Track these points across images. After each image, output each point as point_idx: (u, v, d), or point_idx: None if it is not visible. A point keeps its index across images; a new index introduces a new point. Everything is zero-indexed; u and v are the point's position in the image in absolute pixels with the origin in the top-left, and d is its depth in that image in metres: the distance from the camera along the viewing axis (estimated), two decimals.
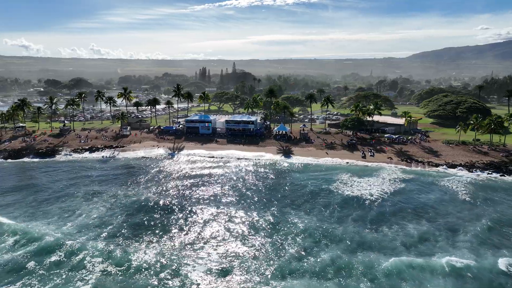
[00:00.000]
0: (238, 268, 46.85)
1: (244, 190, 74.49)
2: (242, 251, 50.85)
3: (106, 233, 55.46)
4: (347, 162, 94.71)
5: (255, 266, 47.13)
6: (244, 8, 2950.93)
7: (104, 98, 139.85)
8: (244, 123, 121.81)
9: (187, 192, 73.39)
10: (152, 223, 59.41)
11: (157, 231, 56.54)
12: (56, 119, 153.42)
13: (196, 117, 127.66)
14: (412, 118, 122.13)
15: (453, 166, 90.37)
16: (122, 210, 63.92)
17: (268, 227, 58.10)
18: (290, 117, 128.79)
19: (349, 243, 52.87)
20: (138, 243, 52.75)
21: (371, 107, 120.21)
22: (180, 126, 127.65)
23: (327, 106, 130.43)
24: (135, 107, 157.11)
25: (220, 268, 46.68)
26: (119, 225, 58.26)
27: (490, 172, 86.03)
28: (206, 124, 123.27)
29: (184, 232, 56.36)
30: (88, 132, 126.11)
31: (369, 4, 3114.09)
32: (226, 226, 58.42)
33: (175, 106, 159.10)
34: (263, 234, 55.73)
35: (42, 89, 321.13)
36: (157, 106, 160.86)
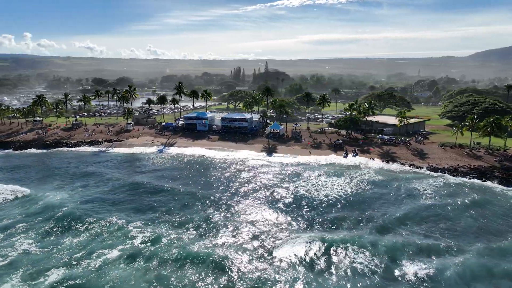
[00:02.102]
0: None
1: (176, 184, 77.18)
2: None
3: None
4: (325, 162, 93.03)
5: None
6: (295, 7, 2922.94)
7: (118, 95, 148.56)
8: (239, 120, 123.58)
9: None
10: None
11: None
12: (79, 114, 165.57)
13: (194, 115, 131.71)
14: (415, 119, 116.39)
15: (435, 169, 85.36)
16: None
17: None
18: (286, 116, 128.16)
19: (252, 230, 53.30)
20: None
21: (365, 106, 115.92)
22: (180, 123, 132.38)
23: (323, 106, 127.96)
24: (147, 104, 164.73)
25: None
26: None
27: (472, 177, 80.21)
28: (203, 121, 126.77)
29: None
30: (97, 126, 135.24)
31: (426, 0, 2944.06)
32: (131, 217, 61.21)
33: (189, 104, 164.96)
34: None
35: (89, 87, 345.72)
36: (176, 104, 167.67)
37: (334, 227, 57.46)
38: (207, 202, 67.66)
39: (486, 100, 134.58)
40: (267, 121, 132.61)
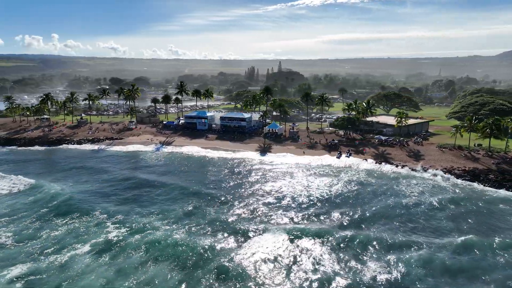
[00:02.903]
0: None
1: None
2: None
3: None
4: (316, 162, 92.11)
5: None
6: (316, 7, 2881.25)
7: (123, 94, 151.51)
8: (237, 120, 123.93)
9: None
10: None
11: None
12: (89, 113, 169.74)
13: (194, 114, 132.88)
14: (418, 120, 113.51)
15: (427, 170, 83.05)
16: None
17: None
18: (284, 115, 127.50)
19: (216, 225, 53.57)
20: None
21: (364, 106, 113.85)
22: (181, 122, 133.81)
23: (322, 106, 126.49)
24: (152, 103, 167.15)
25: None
26: None
27: (465, 179, 77.70)
28: (203, 120, 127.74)
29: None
30: (101, 125, 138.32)
31: None
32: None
33: (198, 103, 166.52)
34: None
35: (107, 86, 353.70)
36: (184, 103, 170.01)
37: (307, 222, 58.84)
38: (189, 196, 69.09)
39: (495, 101, 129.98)
40: (267, 120, 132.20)
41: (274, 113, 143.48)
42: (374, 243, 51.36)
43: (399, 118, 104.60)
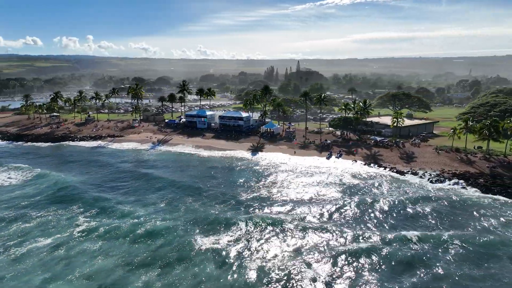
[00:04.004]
0: None
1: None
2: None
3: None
4: (302, 162, 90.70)
5: None
6: (346, 5, 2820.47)
7: (131, 93, 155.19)
8: (235, 119, 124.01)
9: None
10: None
11: None
12: (101, 111, 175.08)
13: (195, 113, 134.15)
14: (423, 120, 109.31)
15: (415, 173, 79.89)
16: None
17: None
18: (284, 115, 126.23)
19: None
20: None
21: (360, 106, 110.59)
22: (182, 120, 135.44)
23: (320, 105, 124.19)
24: (159, 102, 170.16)
25: None
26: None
27: (454, 183, 74.12)
28: (202, 119, 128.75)
29: None
30: (108, 122, 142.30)
31: None
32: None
33: (208, 102, 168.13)
34: None
35: (129, 86, 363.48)
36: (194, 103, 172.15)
37: (269, 212, 61.63)
38: (166, 188, 72.11)
39: (507, 101, 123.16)
40: (267, 120, 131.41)
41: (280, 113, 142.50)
42: (321, 235, 52.88)
43: (394, 119, 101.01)
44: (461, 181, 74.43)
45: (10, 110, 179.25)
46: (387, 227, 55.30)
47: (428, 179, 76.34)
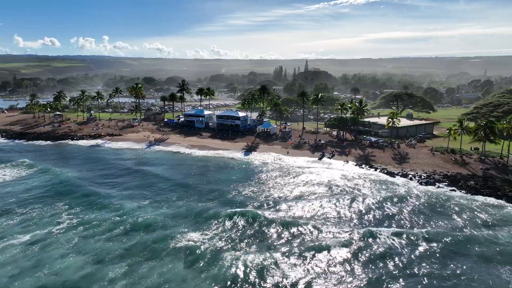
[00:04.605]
0: None
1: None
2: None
3: None
4: (292, 162, 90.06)
5: None
6: (361, 5, 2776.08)
7: (133, 92, 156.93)
8: (232, 119, 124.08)
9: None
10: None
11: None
12: (105, 110, 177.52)
13: (193, 112, 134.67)
14: (423, 121, 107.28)
15: (405, 175, 78.44)
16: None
17: None
18: (280, 115, 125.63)
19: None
20: None
21: (356, 105, 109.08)
22: (181, 120, 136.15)
23: (317, 105, 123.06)
24: (162, 101, 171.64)
25: None
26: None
27: (443, 185, 72.45)
28: (200, 118, 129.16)
29: None
30: (109, 121, 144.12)
31: None
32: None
33: (213, 102, 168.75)
34: None
35: (139, 85, 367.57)
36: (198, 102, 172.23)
37: (249, 206, 62.77)
38: (149, 192, 71.14)
39: (510, 102, 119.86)
40: (265, 120, 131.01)
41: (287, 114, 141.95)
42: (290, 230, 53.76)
43: (389, 119, 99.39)
44: (449, 182, 72.84)
45: (18, 109, 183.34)
46: (360, 225, 55.59)
47: (418, 181, 74.86)
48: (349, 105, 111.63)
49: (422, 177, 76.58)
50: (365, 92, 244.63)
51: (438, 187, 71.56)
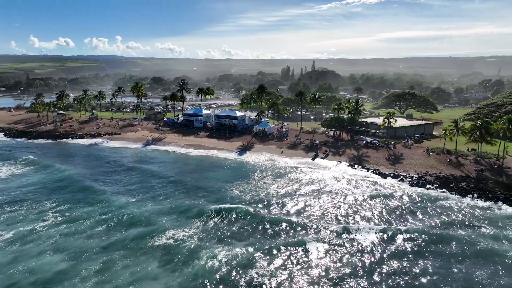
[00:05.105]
0: None
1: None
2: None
3: None
4: (284, 162, 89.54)
5: None
6: (373, 4, 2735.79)
7: (134, 92, 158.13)
8: (230, 118, 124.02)
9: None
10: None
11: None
12: (109, 109, 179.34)
13: (192, 112, 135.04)
14: (423, 121, 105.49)
15: (396, 176, 77.11)
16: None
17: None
18: (277, 114, 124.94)
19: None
20: None
21: (353, 105, 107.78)
22: (180, 119, 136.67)
23: (315, 105, 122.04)
24: (164, 101, 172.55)
25: None
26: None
27: (433, 186, 71.03)
28: (198, 118, 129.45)
29: None
30: (110, 120, 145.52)
31: None
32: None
33: (216, 102, 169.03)
34: None
35: (148, 85, 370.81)
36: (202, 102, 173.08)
37: (234, 203, 63.66)
38: (135, 190, 71.68)
39: None
40: (264, 119, 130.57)
41: (285, 114, 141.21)
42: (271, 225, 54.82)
43: (385, 119, 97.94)
44: (440, 184, 71.38)
45: (24, 108, 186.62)
46: (340, 222, 55.74)
47: (408, 182, 73.56)
48: (346, 105, 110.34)
49: (414, 178, 75.21)
50: (371, 92, 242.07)
51: (428, 188, 70.21)
